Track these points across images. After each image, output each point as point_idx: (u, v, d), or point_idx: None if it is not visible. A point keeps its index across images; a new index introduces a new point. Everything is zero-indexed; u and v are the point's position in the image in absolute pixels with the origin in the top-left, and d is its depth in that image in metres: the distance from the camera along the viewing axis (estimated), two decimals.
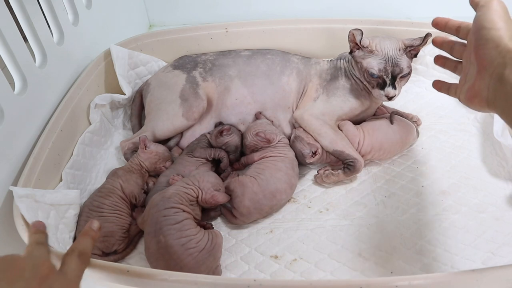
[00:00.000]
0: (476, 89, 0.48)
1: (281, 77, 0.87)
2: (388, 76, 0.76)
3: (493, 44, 0.45)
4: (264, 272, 0.66)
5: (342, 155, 0.78)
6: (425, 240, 0.68)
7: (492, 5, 0.47)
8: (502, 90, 0.44)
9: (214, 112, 0.87)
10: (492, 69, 0.45)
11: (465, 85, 0.52)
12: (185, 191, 0.67)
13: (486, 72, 0.46)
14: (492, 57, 0.45)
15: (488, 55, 0.46)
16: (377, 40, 0.77)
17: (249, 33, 0.97)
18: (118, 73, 0.89)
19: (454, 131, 0.88)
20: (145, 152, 0.78)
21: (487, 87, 0.46)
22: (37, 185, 0.65)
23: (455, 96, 0.56)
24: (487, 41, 0.46)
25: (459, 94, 0.53)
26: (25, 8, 0.69)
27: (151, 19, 1.29)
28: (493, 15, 0.47)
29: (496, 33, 0.46)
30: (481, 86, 0.47)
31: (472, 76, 0.50)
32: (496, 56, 0.45)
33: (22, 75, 0.68)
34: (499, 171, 0.79)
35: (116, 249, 0.67)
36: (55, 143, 0.72)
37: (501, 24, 0.46)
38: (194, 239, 0.62)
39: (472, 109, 0.51)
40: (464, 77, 0.52)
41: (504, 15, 0.47)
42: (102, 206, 0.69)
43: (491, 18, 0.47)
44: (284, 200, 0.75)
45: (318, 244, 0.69)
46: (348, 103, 0.83)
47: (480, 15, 0.48)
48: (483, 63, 0.47)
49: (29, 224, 0.57)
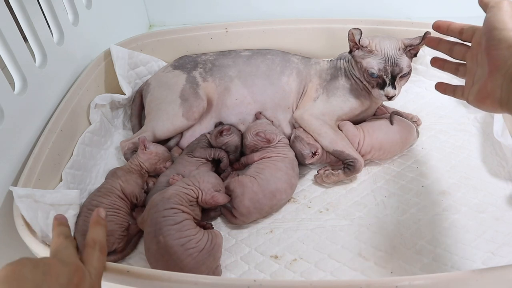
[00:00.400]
0: (488, 90, 0.48)
1: (281, 77, 0.87)
2: (387, 76, 0.76)
3: (506, 44, 0.46)
4: (264, 272, 0.66)
5: (342, 155, 0.78)
6: (425, 240, 0.68)
7: (503, 6, 0.47)
8: None
9: (214, 112, 0.87)
10: (505, 70, 0.45)
11: (474, 86, 0.51)
12: (185, 192, 0.67)
13: (499, 72, 0.46)
14: (505, 58, 0.46)
15: (501, 55, 0.46)
16: (377, 40, 0.77)
17: (249, 33, 0.97)
18: (118, 73, 0.89)
19: (454, 131, 0.88)
20: (145, 153, 0.78)
21: (500, 88, 0.46)
22: (37, 185, 0.65)
23: (462, 98, 0.55)
24: (500, 42, 0.46)
25: (467, 96, 0.53)
26: (25, 8, 0.69)
27: (151, 19, 1.28)
28: (504, 16, 0.47)
29: (508, 34, 0.46)
30: (493, 87, 0.47)
31: (481, 77, 0.50)
32: (509, 56, 0.45)
33: (22, 75, 0.68)
34: (499, 171, 0.79)
35: (116, 248, 0.67)
36: (55, 143, 0.72)
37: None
38: (193, 239, 0.62)
39: (483, 110, 0.51)
40: (472, 78, 0.52)
41: None
42: (100, 205, 0.68)
43: (502, 19, 0.47)
44: (284, 200, 0.75)
45: (318, 244, 0.69)
46: (348, 103, 0.83)
47: (490, 16, 0.48)
48: (496, 63, 0.47)
49: (29, 224, 0.57)
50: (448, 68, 0.59)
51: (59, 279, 0.38)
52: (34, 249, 0.54)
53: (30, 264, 0.37)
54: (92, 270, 0.44)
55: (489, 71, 0.48)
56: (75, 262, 0.42)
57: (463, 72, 0.56)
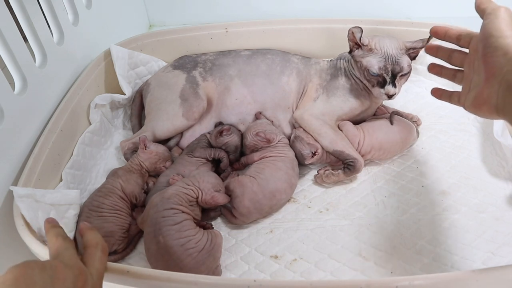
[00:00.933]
0: (484, 97, 0.49)
1: (281, 77, 0.87)
2: (388, 75, 0.76)
3: (502, 51, 0.46)
4: (264, 272, 0.66)
5: (342, 155, 0.78)
6: (425, 240, 0.68)
7: (500, 13, 0.48)
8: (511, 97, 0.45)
9: (214, 112, 0.87)
10: (501, 77, 0.46)
11: (470, 92, 0.52)
12: (185, 192, 0.67)
13: (495, 79, 0.47)
14: (501, 65, 0.46)
15: (497, 62, 0.46)
16: (376, 39, 0.77)
17: (249, 33, 0.97)
18: (118, 73, 0.89)
19: (454, 131, 0.88)
20: (145, 152, 0.78)
21: (496, 94, 0.47)
22: (37, 185, 0.65)
23: (458, 104, 0.56)
24: (496, 49, 0.47)
25: (464, 102, 0.53)
26: (25, 8, 0.69)
27: (151, 19, 1.29)
28: (501, 23, 0.47)
29: (504, 41, 0.46)
30: (490, 93, 0.48)
31: (478, 83, 0.50)
32: (505, 63, 0.46)
33: (22, 75, 0.68)
34: (499, 171, 0.79)
35: (116, 249, 0.67)
36: (55, 143, 0.72)
37: (509, 32, 0.46)
38: (193, 240, 0.62)
39: (479, 116, 0.52)
40: (468, 84, 0.53)
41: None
42: (101, 206, 0.69)
43: (499, 26, 0.47)
44: (284, 200, 0.75)
45: (318, 244, 0.69)
46: (348, 103, 0.83)
47: (487, 23, 0.48)
48: (492, 70, 0.47)
49: (29, 224, 0.57)
50: (445, 75, 0.60)
51: (66, 283, 0.38)
52: (34, 249, 0.54)
53: (38, 268, 0.37)
54: (94, 271, 0.44)
55: (486, 78, 0.48)
56: (77, 264, 0.42)
57: (460, 78, 0.56)
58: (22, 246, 0.56)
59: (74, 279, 0.39)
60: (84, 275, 0.41)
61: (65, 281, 0.38)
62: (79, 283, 0.40)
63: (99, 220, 0.67)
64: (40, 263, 0.38)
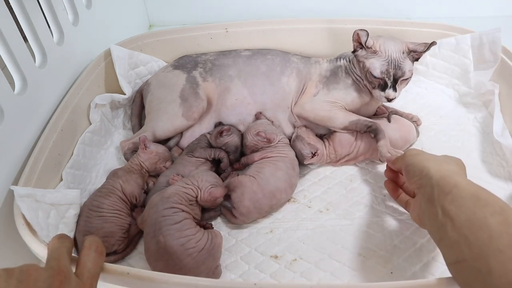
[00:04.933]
0: (412, 207, 0.62)
1: (281, 77, 0.87)
2: (390, 79, 0.76)
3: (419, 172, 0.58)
4: (264, 272, 0.66)
5: (358, 123, 0.79)
6: (425, 240, 0.68)
7: (409, 154, 0.64)
8: (430, 211, 0.54)
9: (214, 112, 0.87)
10: (422, 192, 0.57)
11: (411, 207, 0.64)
12: (185, 191, 0.67)
13: (418, 193, 0.58)
14: (421, 183, 0.58)
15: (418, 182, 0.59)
16: (381, 40, 0.77)
17: (249, 33, 0.97)
18: (118, 73, 0.89)
19: (454, 131, 0.88)
20: (145, 152, 0.78)
21: (419, 207, 0.57)
22: (37, 184, 0.65)
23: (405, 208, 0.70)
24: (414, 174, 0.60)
25: (410, 214, 0.65)
26: (25, 8, 0.69)
27: (151, 19, 1.29)
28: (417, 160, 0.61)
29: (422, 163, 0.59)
30: (414, 206, 0.60)
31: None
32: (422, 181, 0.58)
33: (22, 75, 0.68)
34: (499, 171, 0.79)
35: (116, 249, 0.67)
36: (56, 143, 0.72)
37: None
38: (193, 239, 0.62)
39: (423, 228, 0.61)
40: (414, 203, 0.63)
41: None
42: (101, 206, 0.69)
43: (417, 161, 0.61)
44: (284, 200, 0.75)
45: (318, 244, 0.69)
46: (350, 95, 0.82)
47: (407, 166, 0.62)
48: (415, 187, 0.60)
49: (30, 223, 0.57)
50: (400, 201, 0.71)
51: (37, 283, 0.38)
52: (34, 249, 0.54)
53: (5, 275, 0.37)
54: (85, 271, 0.44)
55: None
56: (57, 265, 0.42)
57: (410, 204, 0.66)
58: (22, 245, 0.56)
59: (49, 279, 0.39)
60: (61, 275, 0.40)
61: (36, 282, 0.38)
62: (55, 283, 0.39)
63: (99, 220, 0.67)
64: (7, 270, 0.38)
